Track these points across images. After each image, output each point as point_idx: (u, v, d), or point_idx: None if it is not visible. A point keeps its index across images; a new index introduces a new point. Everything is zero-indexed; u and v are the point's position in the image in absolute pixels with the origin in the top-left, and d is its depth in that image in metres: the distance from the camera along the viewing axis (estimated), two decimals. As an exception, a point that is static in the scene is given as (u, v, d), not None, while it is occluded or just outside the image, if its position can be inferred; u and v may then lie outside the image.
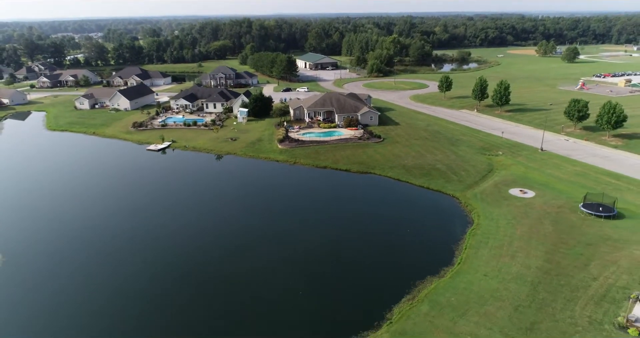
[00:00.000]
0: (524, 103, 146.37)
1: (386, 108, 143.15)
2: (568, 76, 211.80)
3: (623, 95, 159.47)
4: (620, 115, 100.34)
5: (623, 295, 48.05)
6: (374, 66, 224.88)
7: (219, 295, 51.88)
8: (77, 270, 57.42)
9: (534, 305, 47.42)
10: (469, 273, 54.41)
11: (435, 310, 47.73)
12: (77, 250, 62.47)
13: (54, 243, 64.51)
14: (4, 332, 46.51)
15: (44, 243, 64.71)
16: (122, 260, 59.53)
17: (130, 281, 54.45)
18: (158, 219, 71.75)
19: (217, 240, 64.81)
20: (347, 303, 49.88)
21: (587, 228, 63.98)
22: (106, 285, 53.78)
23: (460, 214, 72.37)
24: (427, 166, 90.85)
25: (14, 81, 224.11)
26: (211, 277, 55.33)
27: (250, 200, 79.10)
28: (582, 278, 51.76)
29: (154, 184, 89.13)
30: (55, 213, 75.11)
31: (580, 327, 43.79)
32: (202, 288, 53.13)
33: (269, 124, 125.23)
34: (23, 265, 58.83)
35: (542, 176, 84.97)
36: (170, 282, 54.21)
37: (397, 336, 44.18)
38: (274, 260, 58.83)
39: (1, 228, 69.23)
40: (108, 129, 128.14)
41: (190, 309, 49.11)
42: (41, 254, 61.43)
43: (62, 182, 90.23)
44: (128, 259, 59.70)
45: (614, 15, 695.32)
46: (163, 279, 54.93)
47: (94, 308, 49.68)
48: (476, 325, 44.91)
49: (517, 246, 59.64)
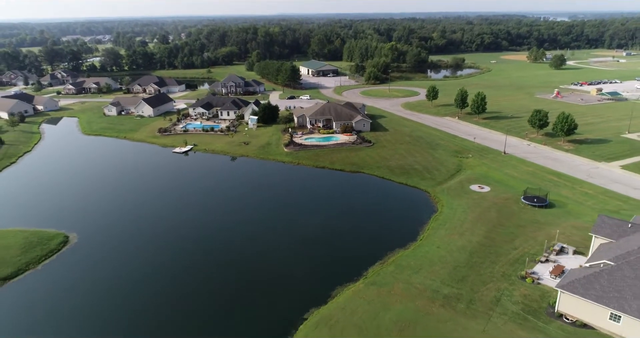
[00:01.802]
0: (501, 111, 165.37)
1: (379, 115, 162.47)
2: (549, 84, 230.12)
3: (591, 103, 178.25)
4: (572, 124, 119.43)
5: (531, 258, 67.32)
6: (371, 74, 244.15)
7: (246, 253, 71.56)
8: (134, 247, 77.27)
9: (467, 265, 66.80)
10: (427, 246, 73.80)
11: (398, 270, 67.11)
12: (133, 230, 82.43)
13: (115, 226, 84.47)
14: (78, 293, 66.22)
15: (106, 225, 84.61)
16: (168, 235, 79.43)
17: (175, 251, 74.31)
18: (189, 207, 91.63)
19: (237, 222, 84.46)
20: (336, 265, 69.32)
21: (523, 214, 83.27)
22: (158, 256, 73.62)
23: (428, 204, 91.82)
24: (407, 167, 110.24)
25: (41, 88, 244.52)
26: (239, 244, 75.05)
27: (262, 194, 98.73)
28: (507, 248, 71.09)
29: (182, 180, 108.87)
30: (112, 202, 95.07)
31: (495, 278, 63.14)
32: (235, 252, 72.89)
33: (276, 130, 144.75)
34: (92, 242, 78.70)
35: (499, 175, 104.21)
36: (211, 252, 73.97)
37: (369, 285, 63.58)
38: (282, 237, 78.46)
39: (76, 214, 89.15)
40: (137, 134, 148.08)
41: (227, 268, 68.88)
42: (105, 234, 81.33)
43: (112, 177, 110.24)
44: (172, 235, 79.56)
45: (611, 18, 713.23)
46: (199, 251, 74.70)
47: (151, 272, 69.50)
48: (425, 278, 64.29)
49: (465, 228, 79.01)
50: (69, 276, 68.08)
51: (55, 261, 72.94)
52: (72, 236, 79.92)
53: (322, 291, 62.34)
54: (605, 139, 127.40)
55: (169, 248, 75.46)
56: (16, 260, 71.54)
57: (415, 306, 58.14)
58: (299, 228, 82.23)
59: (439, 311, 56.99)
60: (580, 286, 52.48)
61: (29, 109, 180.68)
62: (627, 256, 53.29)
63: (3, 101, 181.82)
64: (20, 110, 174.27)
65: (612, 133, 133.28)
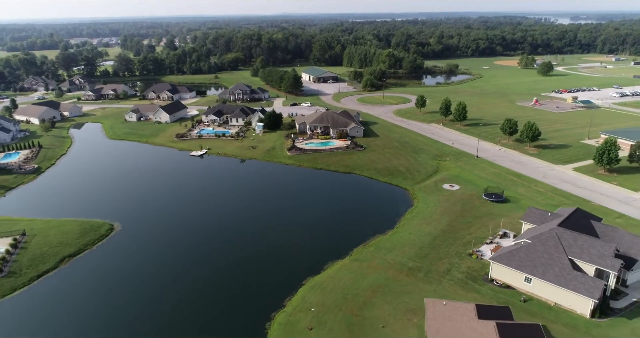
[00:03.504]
0: (481, 118, 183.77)
1: (371, 122, 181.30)
2: (533, 91, 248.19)
3: (565, 111, 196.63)
4: (536, 131, 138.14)
5: (480, 241, 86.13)
6: (367, 81, 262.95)
7: (257, 237, 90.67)
8: (166, 232, 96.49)
9: (430, 246, 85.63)
10: (401, 232, 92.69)
11: (376, 250, 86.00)
12: (165, 219, 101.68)
13: (150, 216, 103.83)
14: (127, 268, 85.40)
15: (143, 216, 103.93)
16: (192, 223, 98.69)
17: (199, 235, 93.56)
18: (208, 201, 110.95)
19: (248, 213, 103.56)
20: (328, 246, 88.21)
21: (482, 208, 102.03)
22: (185, 239, 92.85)
23: (407, 200, 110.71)
24: (392, 169, 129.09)
25: (62, 94, 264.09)
26: (250, 230, 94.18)
27: (268, 191, 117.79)
28: (463, 234, 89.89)
29: (200, 179, 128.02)
30: (145, 197, 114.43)
31: (449, 255, 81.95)
32: (248, 236, 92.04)
33: (280, 135, 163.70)
34: (133, 230, 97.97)
35: (469, 176, 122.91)
36: (229, 237, 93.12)
37: (353, 261, 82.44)
38: (286, 224, 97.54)
39: (116, 207, 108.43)
40: (157, 138, 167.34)
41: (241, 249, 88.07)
42: (143, 223, 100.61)
43: (141, 176, 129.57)
44: (196, 222, 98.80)
45: (608, 21, 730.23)
46: (220, 235, 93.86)
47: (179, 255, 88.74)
48: (396, 256, 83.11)
49: (434, 218, 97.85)
50: (118, 255, 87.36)
51: (105, 244, 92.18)
52: (116, 225, 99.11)
53: (316, 265, 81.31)
54: (567, 145, 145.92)
55: (194, 233, 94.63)
56: (76, 242, 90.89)
57: (387, 275, 77.05)
58: (300, 217, 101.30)
59: (404, 278, 75.91)
60: (505, 258, 71.33)
61: (56, 115, 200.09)
62: (540, 236, 72.06)
63: (34, 108, 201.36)
64: (49, 116, 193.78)
65: (574, 139, 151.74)
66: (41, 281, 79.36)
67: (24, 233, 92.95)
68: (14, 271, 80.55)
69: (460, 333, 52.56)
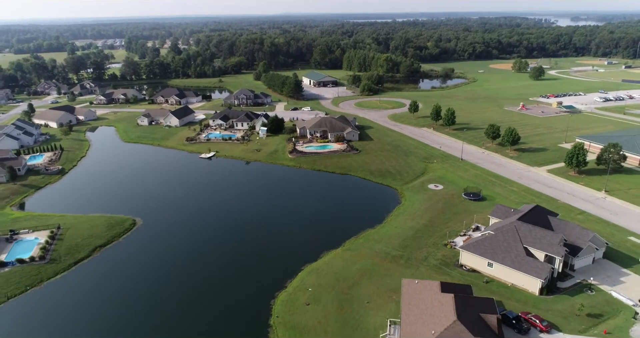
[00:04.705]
0: (469, 123, 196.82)
1: (367, 126, 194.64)
2: (522, 96, 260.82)
3: (549, 115, 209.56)
4: (515, 136, 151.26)
5: (455, 234, 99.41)
6: (365, 86, 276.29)
7: (261, 230, 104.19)
8: (182, 226, 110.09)
9: (412, 238, 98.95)
10: (388, 227, 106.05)
11: (366, 241, 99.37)
12: (181, 214, 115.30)
13: (168, 212, 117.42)
14: (151, 257, 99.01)
15: (162, 212, 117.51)
16: (205, 218, 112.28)
17: (211, 228, 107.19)
18: (217, 199, 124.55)
19: (254, 209, 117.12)
20: (324, 238, 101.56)
21: (461, 205, 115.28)
22: (198, 231, 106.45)
23: (395, 198, 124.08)
24: (384, 170, 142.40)
25: (74, 98, 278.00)
26: (255, 224, 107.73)
27: (271, 190, 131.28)
28: (441, 228, 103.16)
29: (211, 179, 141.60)
30: (163, 195, 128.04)
31: (427, 245, 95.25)
32: (253, 228, 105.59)
33: (282, 139, 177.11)
34: (153, 224, 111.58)
35: (453, 177, 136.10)
36: (237, 229, 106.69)
37: (345, 250, 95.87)
38: (287, 218, 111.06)
39: (137, 204, 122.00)
40: (168, 141, 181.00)
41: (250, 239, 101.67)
42: (162, 218, 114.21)
43: (158, 176, 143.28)
44: (208, 217, 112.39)
45: (605, 24, 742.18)
46: (228, 227, 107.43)
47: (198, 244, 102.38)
48: (382, 246, 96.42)
49: (417, 215, 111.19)
50: (143, 245, 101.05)
51: (130, 236, 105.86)
52: (138, 220, 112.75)
53: (313, 254, 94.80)
54: (545, 148, 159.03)
55: (206, 227, 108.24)
56: (105, 234, 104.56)
57: (373, 262, 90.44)
58: (299, 213, 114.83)
59: (387, 264, 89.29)
60: (472, 247, 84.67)
61: (72, 120, 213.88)
62: (502, 228, 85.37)
63: (51, 112, 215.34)
64: (66, 120, 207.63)
65: (552, 143, 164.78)
66: (78, 267, 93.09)
67: (59, 227, 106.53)
68: (54, 258, 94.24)
69: (426, 304, 65.72)
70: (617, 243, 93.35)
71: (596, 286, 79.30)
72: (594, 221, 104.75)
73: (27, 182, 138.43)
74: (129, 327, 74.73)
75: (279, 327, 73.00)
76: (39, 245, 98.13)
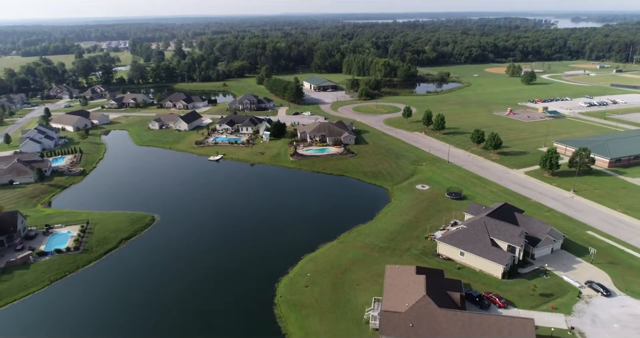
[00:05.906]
0: (458, 127, 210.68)
1: (363, 130, 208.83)
2: (512, 101, 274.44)
3: (534, 120, 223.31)
4: (498, 140, 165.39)
5: (436, 228, 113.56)
6: (363, 91, 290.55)
7: (265, 225, 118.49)
8: (197, 222, 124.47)
9: (398, 232, 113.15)
10: (377, 223, 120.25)
11: (358, 235, 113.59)
12: (195, 211, 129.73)
13: (184, 209, 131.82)
14: (169, 251, 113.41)
15: (178, 209, 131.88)
16: (217, 214, 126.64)
17: (221, 223, 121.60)
18: (226, 197, 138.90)
19: (258, 206, 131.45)
20: (321, 232, 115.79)
21: (443, 204, 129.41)
22: (212, 227, 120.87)
23: (386, 197, 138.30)
24: (377, 172, 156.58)
25: (86, 102, 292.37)
26: (259, 220, 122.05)
27: (274, 189, 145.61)
28: (424, 223, 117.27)
29: (219, 180, 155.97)
30: (178, 193, 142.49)
31: (411, 238, 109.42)
32: (257, 224, 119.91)
33: (284, 142, 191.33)
34: (170, 221, 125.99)
35: (439, 178, 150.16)
36: (244, 225, 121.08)
37: (339, 243, 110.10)
38: (288, 215, 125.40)
39: (155, 202, 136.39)
40: (178, 145, 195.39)
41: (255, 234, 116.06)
42: (178, 215, 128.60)
43: (172, 177, 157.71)
44: (220, 213, 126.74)
45: (604, 26, 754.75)
46: (237, 223, 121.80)
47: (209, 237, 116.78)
48: (372, 239, 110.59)
49: (404, 212, 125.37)
50: (162, 239, 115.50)
51: (151, 230, 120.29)
52: (157, 217, 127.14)
53: (311, 245, 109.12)
54: (525, 152, 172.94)
55: (217, 222, 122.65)
56: (129, 228, 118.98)
57: (363, 252, 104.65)
58: (300, 210, 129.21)
59: (375, 254, 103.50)
60: (448, 239, 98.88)
61: (87, 124, 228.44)
62: (473, 223, 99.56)
63: (68, 117, 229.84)
64: (82, 124, 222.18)
65: (532, 146, 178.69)
66: (108, 256, 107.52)
67: (87, 222, 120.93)
68: (87, 249, 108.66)
69: (403, 284, 79.78)
70: (576, 236, 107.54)
71: (551, 272, 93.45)
72: (559, 218, 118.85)
73: (53, 182, 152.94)
74: (159, 304, 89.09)
75: (282, 304, 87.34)
76: (72, 237, 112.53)
